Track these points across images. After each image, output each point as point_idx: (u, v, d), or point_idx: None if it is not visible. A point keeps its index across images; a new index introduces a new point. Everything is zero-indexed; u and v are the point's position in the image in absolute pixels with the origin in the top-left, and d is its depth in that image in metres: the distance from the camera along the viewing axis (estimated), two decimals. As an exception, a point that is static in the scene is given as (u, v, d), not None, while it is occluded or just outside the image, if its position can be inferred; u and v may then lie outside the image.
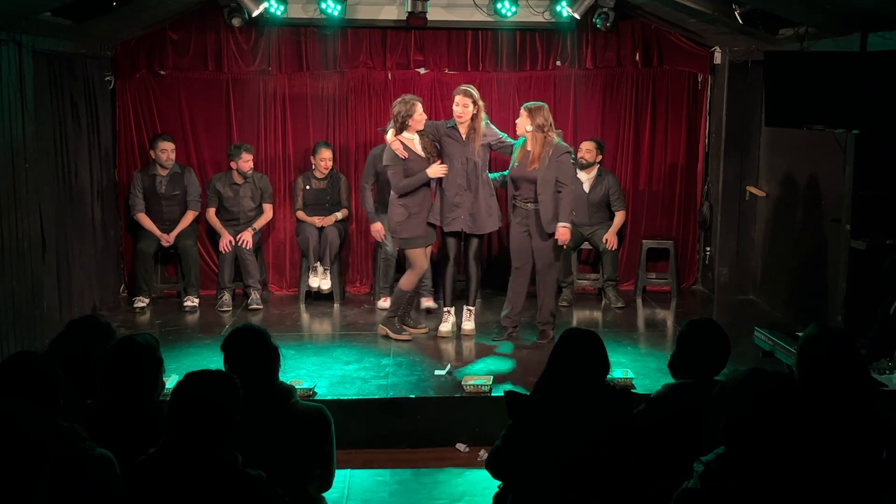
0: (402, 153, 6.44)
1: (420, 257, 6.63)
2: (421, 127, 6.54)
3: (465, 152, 6.55)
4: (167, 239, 7.69)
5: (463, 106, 6.48)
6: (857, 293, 5.97)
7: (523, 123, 6.45)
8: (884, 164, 5.97)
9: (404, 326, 6.83)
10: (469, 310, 6.92)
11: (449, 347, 6.65)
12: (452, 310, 6.89)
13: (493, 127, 6.74)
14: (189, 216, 7.83)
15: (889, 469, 2.99)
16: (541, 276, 6.61)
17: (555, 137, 6.51)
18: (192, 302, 7.71)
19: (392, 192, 6.63)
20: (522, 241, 6.60)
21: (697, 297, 8.44)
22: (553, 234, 6.44)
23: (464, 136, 6.55)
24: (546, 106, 6.54)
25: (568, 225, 6.46)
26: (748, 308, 7.89)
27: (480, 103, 6.55)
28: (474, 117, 6.51)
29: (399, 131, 6.50)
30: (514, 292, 6.74)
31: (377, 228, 7.40)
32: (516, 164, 6.53)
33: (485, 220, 6.65)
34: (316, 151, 7.84)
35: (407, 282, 6.67)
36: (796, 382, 3.08)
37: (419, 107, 6.52)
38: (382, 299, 7.71)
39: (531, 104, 6.51)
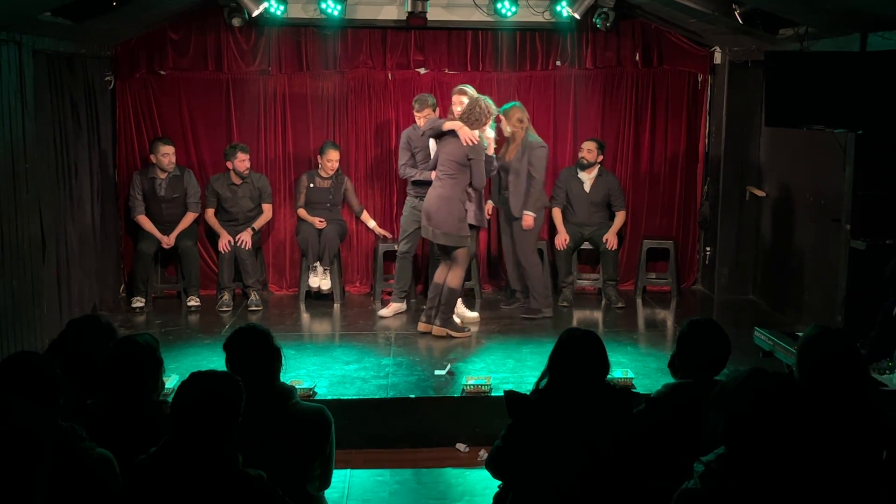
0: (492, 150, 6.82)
1: (467, 254, 6.82)
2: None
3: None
4: (167, 241, 7.68)
5: (460, 104, 6.80)
6: (857, 293, 5.97)
7: (505, 126, 7.02)
8: (884, 164, 5.96)
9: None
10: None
11: (449, 346, 6.65)
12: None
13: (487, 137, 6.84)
14: (188, 218, 7.82)
15: (889, 469, 2.99)
16: (521, 262, 7.17)
17: (531, 134, 7.02)
18: (195, 301, 7.71)
19: (452, 190, 6.55)
20: (504, 224, 7.42)
21: (697, 297, 8.44)
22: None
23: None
24: (517, 104, 7.08)
25: (532, 213, 7.02)
26: (748, 308, 7.89)
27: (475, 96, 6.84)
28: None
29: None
30: (503, 265, 7.78)
31: None
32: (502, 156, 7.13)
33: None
34: (323, 152, 7.84)
35: (458, 280, 6.72)
36: (796, 382, 3.08)
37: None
38: (389, 307, 7.48)
39: (505, 109, 7.02)
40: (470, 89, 6.95)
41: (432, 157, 6.94)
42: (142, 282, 7.69)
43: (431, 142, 7.02)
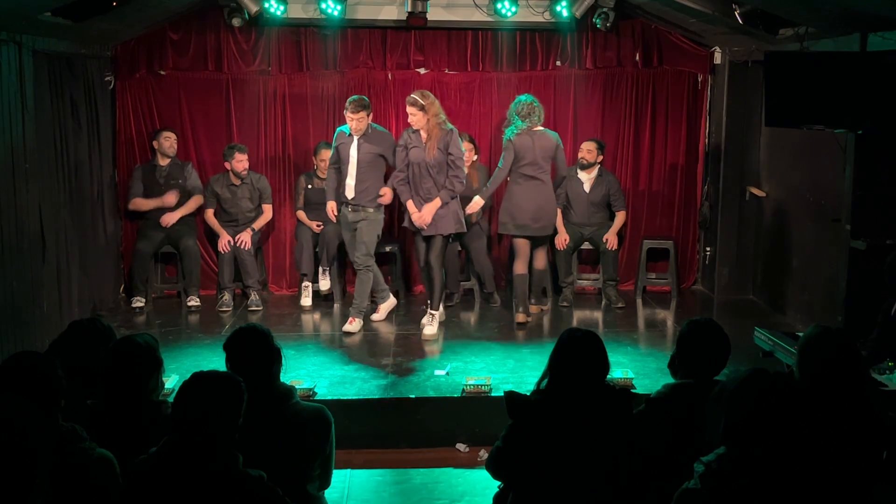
0: None
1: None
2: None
3: (423, 156, 6.64)
4: (166, 220, 7.66)
5: (411, 115, 6.64)
6: (857, 293, 5.97)
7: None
8: (884, 164, 5.96)
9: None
10: (431, 314, 6.88)
11: (449, 346, 6.65)
12: (437, 313, 6.90)
13: (458, 142, 6.70)
14: (193, 201, 7.80)
15: (889, 469, 2.99)
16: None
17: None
18: (195, 301, 7.71)
19: (550, 185, 7.16)
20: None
21: (697, 297, 8.44)
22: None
23: (423, 140, 6.66)
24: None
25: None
26: (748, 308, 7.89)
27: (434, 108, 6.60)
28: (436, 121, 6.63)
29: None
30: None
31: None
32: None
33: (439, 221, 6.70)
34: (317, 152, 7.85)
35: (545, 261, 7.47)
36: (796, 382, 3.08)
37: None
38: (351, 320, 7.03)
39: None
40: (423, 98, 6.62)
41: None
42: (141, 281, 7.69)
43: (353, 147, 6.87)
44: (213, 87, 8.13)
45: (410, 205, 6.76)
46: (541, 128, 7.06)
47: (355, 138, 6.91)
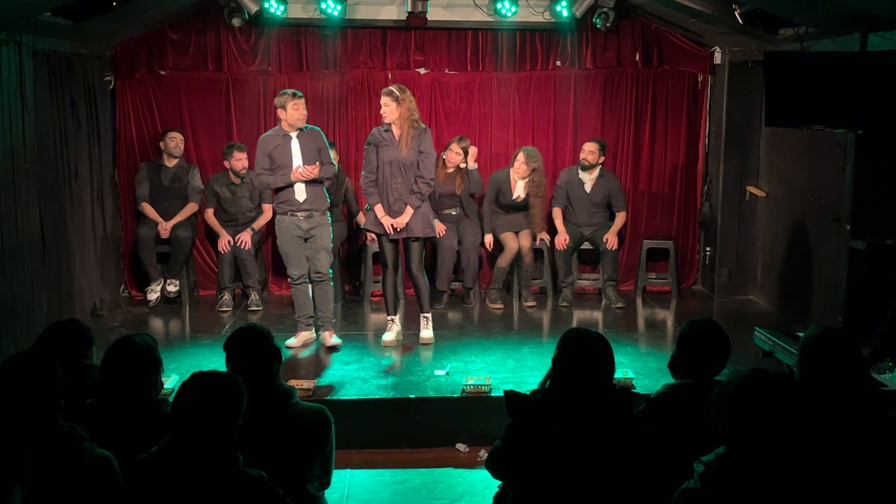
0: None
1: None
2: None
3: (396, 154, 6.28)
4: (164, 228, 7.67)
5: (384, 105, 6.22)
6: (857, 293, 5.97)
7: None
8: (884, 164, 5.96)
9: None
10: (425, 317, 6.66)
11: (449, 346, 6.64)
12: (396, 318, 6.68)
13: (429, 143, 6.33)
14: (189, 208, 7.82)
15: (889, 469, 2.98)
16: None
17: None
18: (174, 286, 7.71)
19: None
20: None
21: (697, 297, 8.43)
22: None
23: (396, 138, 6.28)
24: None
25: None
26: (748, 308, 7.89)
27: (409, 102, 6.21)
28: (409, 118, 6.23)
29: None
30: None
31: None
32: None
33: (416, 223, 6.38)
34: None
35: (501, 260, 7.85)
36: (797, 382, 3.08)
37: None
38: (298, 336, 6.60)
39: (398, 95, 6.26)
40: (400, 92, 6.19)
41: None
42: (150, 266, 7.67)
43: (294, 146, 6.33)
44: (213, 87, 8.13)
45: (379, 209, 6.35)
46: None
47: (293, 136, 6.36)
